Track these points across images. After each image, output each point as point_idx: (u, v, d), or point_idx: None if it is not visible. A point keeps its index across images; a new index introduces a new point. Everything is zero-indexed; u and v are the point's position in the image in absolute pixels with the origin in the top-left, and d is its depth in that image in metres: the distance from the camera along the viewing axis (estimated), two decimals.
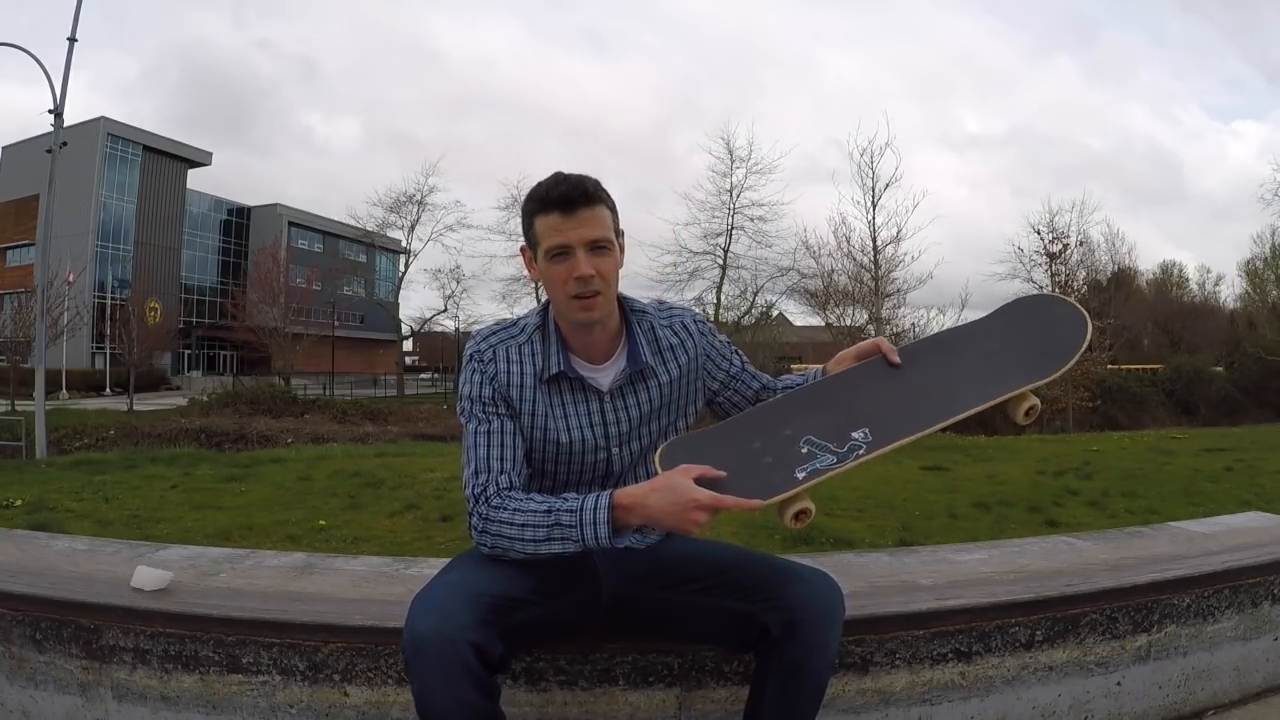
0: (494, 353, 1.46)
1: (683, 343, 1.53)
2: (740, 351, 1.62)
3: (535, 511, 1.34)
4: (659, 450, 1.41)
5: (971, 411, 1.44)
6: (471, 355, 1.47)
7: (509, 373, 1.45)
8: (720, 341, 1.59)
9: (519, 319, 1.53)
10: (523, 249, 1.49)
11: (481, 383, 1.45)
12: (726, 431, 1.46)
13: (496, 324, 1.52)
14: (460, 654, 1.21)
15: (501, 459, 1.41)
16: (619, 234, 1.45)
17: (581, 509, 1.31)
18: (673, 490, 1.29)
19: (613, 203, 1.44)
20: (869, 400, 1.46)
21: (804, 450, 1.38)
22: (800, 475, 1.34)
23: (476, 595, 1.30)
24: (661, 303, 1.59)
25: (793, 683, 1.38)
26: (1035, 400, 1.46)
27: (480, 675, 1.23)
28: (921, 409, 1.44)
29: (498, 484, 1.39)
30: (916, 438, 1.41)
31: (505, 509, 1.35)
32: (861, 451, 1.38)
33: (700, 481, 1.30)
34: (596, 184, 1.41)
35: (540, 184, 1.42)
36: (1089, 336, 1.51)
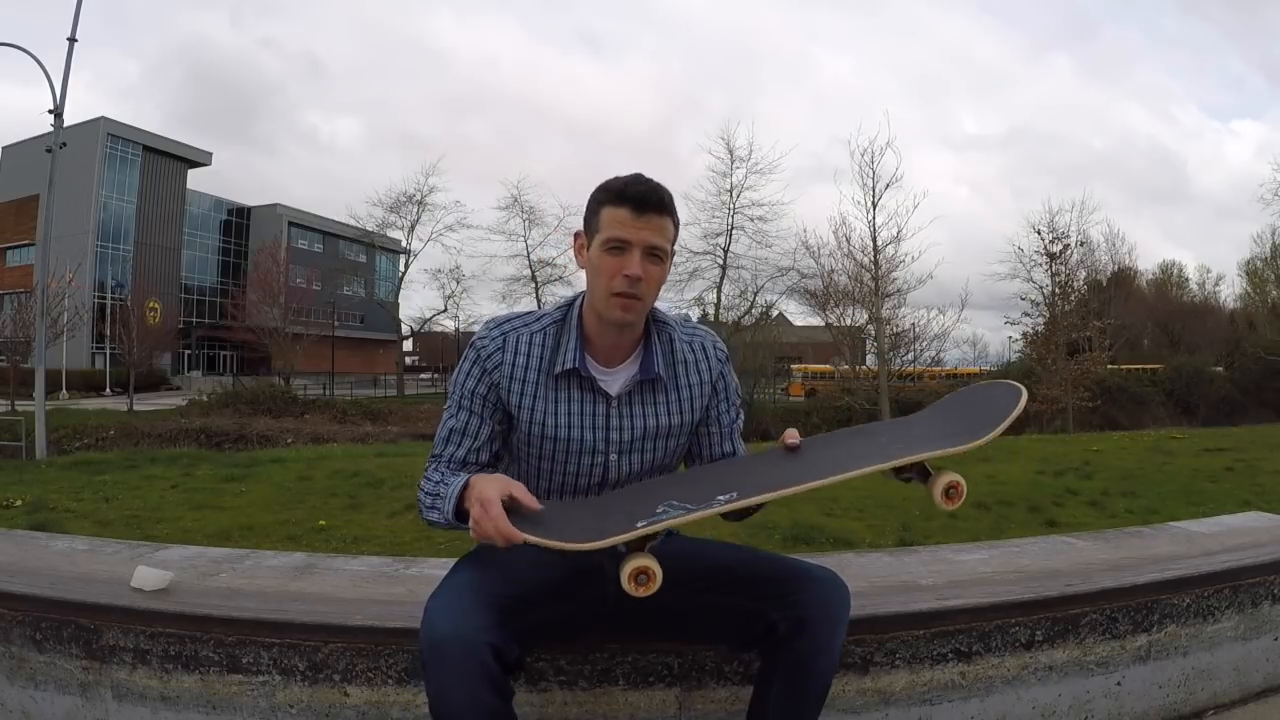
0: (504, 340, 1.45)
1: (697, 362, 1.53)
2: (740, 411, 1.61)
3: (439, 483, 1.41)
4: None
5: (846, 476, 1.31)
6: (474, 343, 1.48)
7: (514, 364, 1.45)
8: (734, 384, 1.59)
9: (539, 310, 1.53)
10: (576, 234, 1.49)
11: (471, 372, 1.46)
12: (608, 497, 1.44)
13: (513, 312, 1.53)
14: (479, 655, 1.21)
15: (458, 447, 1.46)
16: (672, 252, 1.47)
17: (454, 483, 1.36)
18: (490, 485, 1.29)
19: (678, 220, 1.46)
20: (747, 473, 1.43)
21: (659, 510, 1.30)
22: (640, 525, 1.27)
23: (491, 595, 1.30)
24: (686, 319, 1.59)
25: (798, 683, 1.37)
26: (955, 477, 1.32)
27: (497, 676, 1.22)
28: (794, 475, 1.34)
29: (443, 459, 1.47)
30: (780, 495, 1.31)
31: (431, 480, 1.44)
32: (716, 505, 1.29)
33: (516, 508, 1.27)
34: (670, 195, 1.43)
35: (618, 178, 1.43)
36: (1021, 407, 1.36)
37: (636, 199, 1.39)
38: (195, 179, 46.73)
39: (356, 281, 46.38)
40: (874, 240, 19.74)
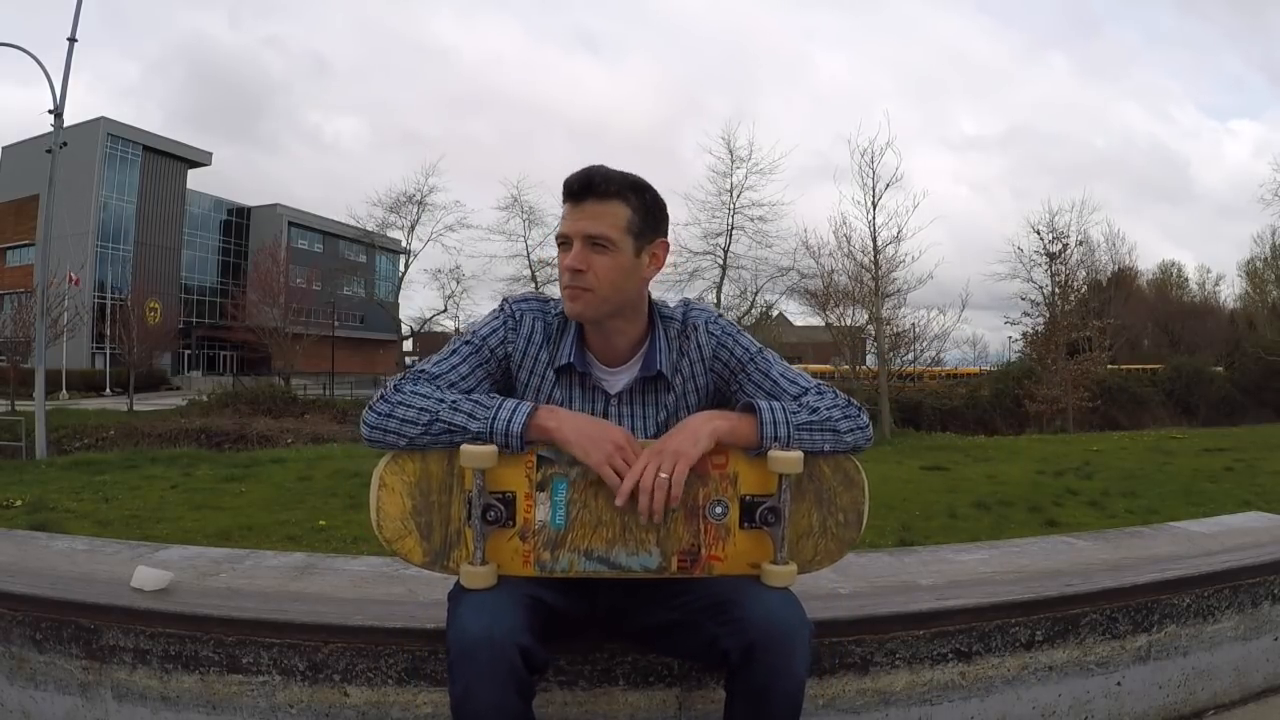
0: (522, 316, 1.44)
1: (699, 346, 1.45)
2: (767, 359, 1.45)
3: (452, 393, 1.33)
4: None
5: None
6: (503, 308, 1.45)
7: (524, 351, 1.43)
8: (741, 350, 1.45)
9: (555, 299, 1.49)
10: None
11: (493, 331, 1.43)
12: None
13: (535, 294, 1.51)
14: (509, 656, 1.18)
15: (449, 371, 1.38)
16: (645, 237, 1.39)
17: (504, 400, 1.32)
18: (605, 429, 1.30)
19: (640, 203, 1.38)
20: None
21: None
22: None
23: (519, 595, 1.27)
24: (685, 302, 1.52)
25: (762, 708, 1.27)
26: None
27: (524, 679, 1.20)
28: None
29: (440, 381, 1.36)
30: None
31: (425, 389, 1.33)
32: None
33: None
34: (618, 180, 1.36)
35: None
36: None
37: (570, 189, 1.37)
38: (195, 179, 46.79)
39: (356, 281, 46.32)
40: (874, 240, 19.66)
